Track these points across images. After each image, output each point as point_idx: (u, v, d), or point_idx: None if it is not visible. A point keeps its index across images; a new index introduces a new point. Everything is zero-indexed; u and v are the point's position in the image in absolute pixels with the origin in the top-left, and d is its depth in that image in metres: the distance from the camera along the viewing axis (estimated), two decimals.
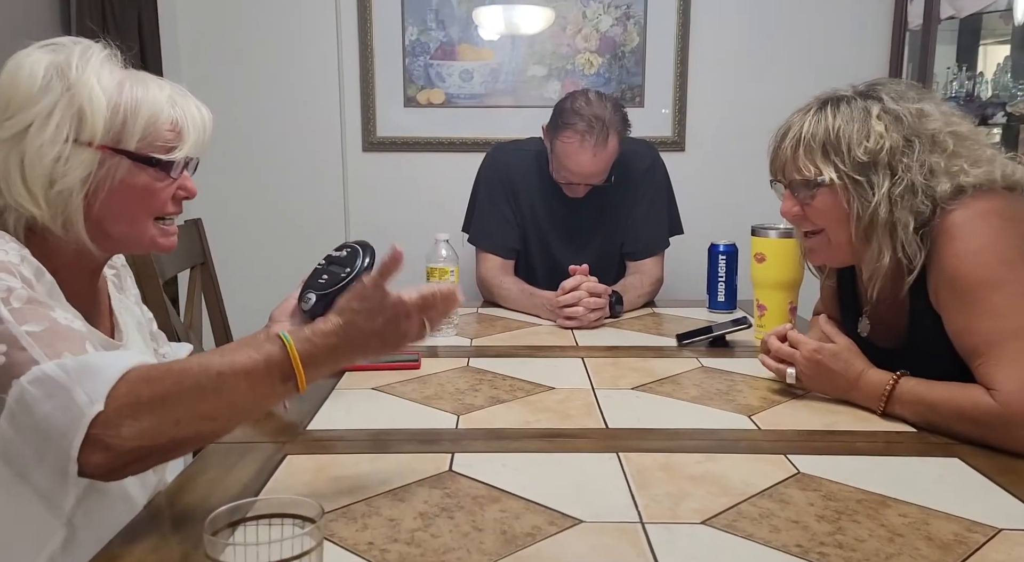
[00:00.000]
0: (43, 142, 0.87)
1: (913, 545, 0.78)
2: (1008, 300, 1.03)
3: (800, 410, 1.19)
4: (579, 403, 1.22)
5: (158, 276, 1.58)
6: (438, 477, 0.95)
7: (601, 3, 2.56)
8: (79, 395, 0.75)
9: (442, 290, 0.94)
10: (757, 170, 2.46)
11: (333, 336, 0.85)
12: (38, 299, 0.84)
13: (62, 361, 0.77)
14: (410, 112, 2.62)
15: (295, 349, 0.82)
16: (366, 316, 0.87)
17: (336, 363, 0.87)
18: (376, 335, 0.88)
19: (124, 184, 0.92)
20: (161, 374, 0.79)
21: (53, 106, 0.88)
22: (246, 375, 0.80)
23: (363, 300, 0.88)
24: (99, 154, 0.90)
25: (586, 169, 1.85)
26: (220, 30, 2.57)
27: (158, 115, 0.93)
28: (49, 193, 0.88)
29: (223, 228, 2.47)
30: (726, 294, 1.84)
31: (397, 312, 0.89)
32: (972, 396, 1.03)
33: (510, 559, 0.76)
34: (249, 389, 0.81)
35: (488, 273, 1.98)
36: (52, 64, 0.89)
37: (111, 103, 0.90)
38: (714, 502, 0.88)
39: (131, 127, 0.91)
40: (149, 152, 0.93)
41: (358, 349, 0.88)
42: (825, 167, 1.14)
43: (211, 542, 0.58)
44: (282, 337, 0.82)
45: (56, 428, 0.74)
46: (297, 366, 0.82)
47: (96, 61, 0.91)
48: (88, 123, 0.88)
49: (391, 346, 0.91)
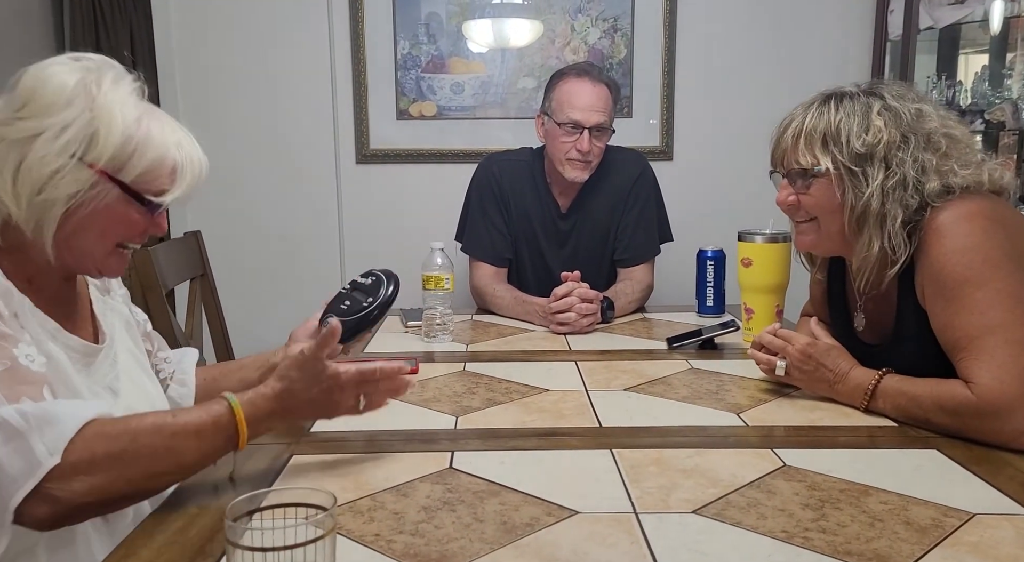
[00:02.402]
0: (49, 153, 0.88)
1: (892, 529, 0.83)
2: (989, 297, 1.07)
3: (786, 408, 1.23)
4: (573, 404, 1.26)
5: (160, 287, 1.61)
6: (439, 474, 0.98)
7: (589, 16, 2.62)
8: (37, 445, 0.78)
9: (385, 369, 1.00)
10: (743, 178, 2.54)
11: (273, 400, 0.94)
12: (3, 332, 0.85)
13: (21, 406, 0.79)
14: (402, 125, 2.66)
15: (240, 411, 0.90)
16: (303, 385, 0.95)
17: (272, 425, 0.96)
18: (309, 403, 0.96)
19: (108, 209, 0.93)
20: (118, 432, 0.83)
21: (71, 121, 0.89)
22: (196, 434, 0.87)
23: (301, 369, 0.95)
24: (96, 176, 0.90)
25: (589, 100, 1.89)
26: (214, 45, 2.61)
27: (164, 157, 0.94)
28: (34, 199, 0.88)
29: (222, 240, 2.51)
30: (714, 298, 1.89)
31: (331, 385, 0.96)
32: (950, 389, 1.08)
33: (510, 547, 0.80)
34: (198, 447, 0.88)
35: (481, 281, 2.02)
36: (83, 81, 0.90)
37: (126, 134, 0.91)
38: (704, 493, 0.92)
39: (136, 162, 0.92)
40: (143, 189, 0.94)
41: (293, 414, 0.97)
42: (823, 157, 1.19)
43: (231, 527, 0.62)
44: (228, 399, 0.90)
45: (8, 473, 0.77)
46: (241, 425, 0.90)
47: (125, 89, 0.93)
48: (98, 146, 0.90)
49: (323, 413, 1.01)
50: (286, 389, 0.94)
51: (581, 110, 1.89)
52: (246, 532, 0.62)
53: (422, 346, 1.65)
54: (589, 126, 1.89)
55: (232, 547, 0.62)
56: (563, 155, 1.93)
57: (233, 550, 0.62)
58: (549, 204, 2.05)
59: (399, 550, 0.79)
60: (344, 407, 0.99)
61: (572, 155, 1.92)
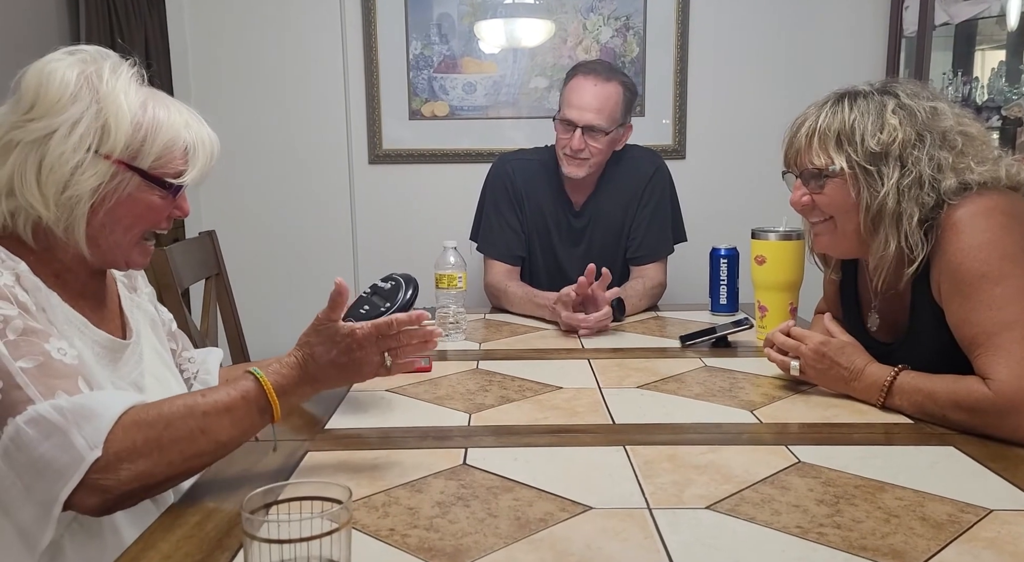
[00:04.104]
0: (65, 150, 0.90)
1: (908, 525, 0.82)
2: (1007, 293, 1.07)
3: (801, 405, 1.23)
4: (586, 401, 1.26)
5: (176, 286, 1.62)
6: (453, 470, 0.99)
7: (601, 15, 2.61)
8: (77, 439, 0.79)
9: (401, 319, 0.99)
10: (756, 176, 2.54)
11: (297, 368, 0.94)
12: (33, 327, 0.86)
13: (57, 402, 0.81)
14: (415, 125, 2.67)
15: (268, 382, 0.90)
16: (323, 348, 0.95)
17: (303, 392, 0.96)
18: (333, 365, 0.96)
19: (131, 198, 0.95)
20: (153, 418, 0.84)
21: (80, 116, 0.90)
22: (228, 412, 0.88)
23: (317, 333, 0.96)
24: (114, 167, 0.93)
25: (586, 100, 1.90)
26: (227, 46, 2.63)
27: (175, 139, 0.97)
28: (60, 198, 0.91)
29: (236, 240, 2.53)
30: (728, 297, 1.88)
31: (349, 343, 0.96)
32: (967, 385, 1.07)
33: (524, 542, 0.80)
34: (232, 424, 0.89)
35: (494, 279, 2.03)
36: (83, 74, 0.92)
37: (135, 121, 0.93)
38: (718, 489, 0.92)
39: (149, 147, 0.94)
40: (160, 173, 0.96)
41: (320, 378, 0.96)
42: (837, 156, 1.18)
43: (248, 519, 0.62)
44: (255, 373, 0.91)
45: (53, 468, 0.79)
46: (272, 397, 0.90)
47: (125, 77, 0.95)
48: (111, 137, 0.92)
49: (350, 375, 0.99)
50: (307, 355, 0.95)
51: (576, 109, 1.91)
52: (263, 524, 0.63)
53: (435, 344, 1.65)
54: (581, 125, 1.90)
55: (249, 539, 0.62)
56: (560, 150, 1.97)
57: (250, 542, 0.62)
58: (563, 202, 2.05)
59: (414, 544, 0.79)
60: (370, 366, 0.98)
61: (567, 151, 1.95)
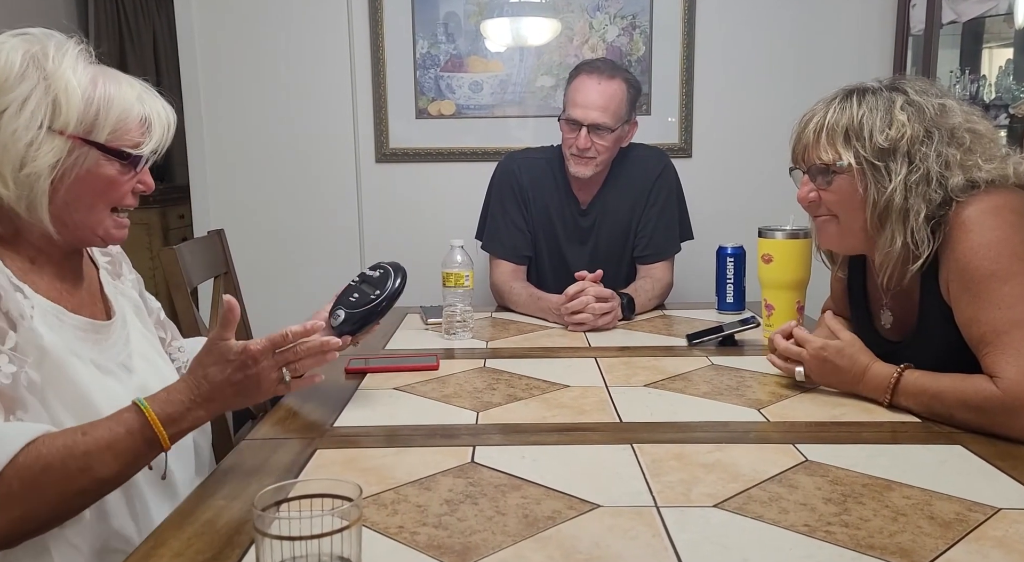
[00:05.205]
0: (17, 127, 0.90)
1: (916, 523, 0.82)
2: (1016, 292, 1.06)
3: (808, 403, 1.23)
4: (593, 400, 1.26)
5: (186, 285, 1.63)
6: (461, 468, 0.99)
7: (607, 13, 2.61)
8: None
9: (295, 331, 0.97)
10: (762, 174, 2.53)
11: (186, 392, 0.92)
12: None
13: None
14: (421, 124, 2.67)
15: (152, 413, 0.88)
16: (216, 368, 0.93)
17: (196, 416, 0.93)
18: (228, 383, 0.93)
19: (90, 174, 0.95)
20: (29, 462, 0.81)
21: (29, 93, 0.91)
22: (110, 448, 0.86)
23: (209, 354, 0.94)
24: (70, 143, 0.93)
25: (591, 98, 1.90)
26: (236, 47, 2.64)
27: (129, 111, 0.97)
28: (18, 175, 0.90)
29: (244, 239, 2.54)
30: (735, 295, 1.88)
31: (243, 360, 0.94)
32: (975, 384, 1.07)
33: (532, 540, 0.80)
34: (115, 460, 0.86)
35: (500, 279, 2.03)
36: (28, 53, 0.92)
37: (85, 95, 0.93)
38: (725, 487, 0.92)
39: (103, 120, 0.95)
40: (118, 145, 0.96)
41: (215, 399, 0.93)
42: (845, 152, 1.18)
43: (260, 516, 0.63)
44: (138, 403, 0.89)
45: None
46: (158, 428, 0.88)
47: (72, 55, 0.95)
48: (62, 112, 0.92)
49: (248, 392, 0.96)
50: (199, 377, 0.92)
51: (581, 107, 1.91)
52: (274, 521, 0.63)
53: (442, 343, 1.66)
54: (587, 124, 1.90)
55: (260, 535, 0.63)
56: (566, 150, 1.97)
57: (261, 538, 0.63)
58: (569, 201, 2.05)
59: (423, 542, 0.80)
60: (268, 382, 0.96)
61: (573, 151, 1.94)
